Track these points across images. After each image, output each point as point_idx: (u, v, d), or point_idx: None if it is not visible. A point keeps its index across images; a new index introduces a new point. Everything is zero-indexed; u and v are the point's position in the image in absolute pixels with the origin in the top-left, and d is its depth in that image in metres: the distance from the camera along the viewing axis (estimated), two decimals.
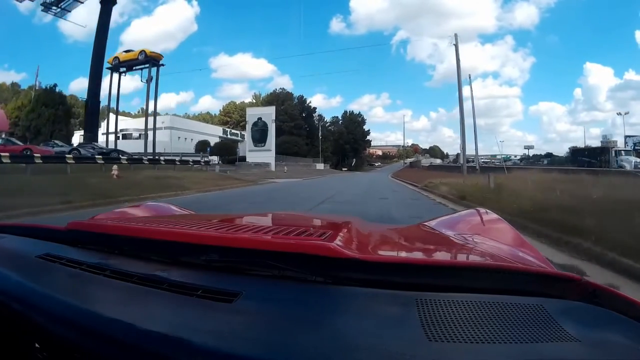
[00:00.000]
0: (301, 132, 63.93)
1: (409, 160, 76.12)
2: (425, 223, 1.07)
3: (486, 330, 0.40)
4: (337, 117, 71.09)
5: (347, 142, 65.91)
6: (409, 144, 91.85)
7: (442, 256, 0.75)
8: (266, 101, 64.73)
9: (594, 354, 0.38)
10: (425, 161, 66.48)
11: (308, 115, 69.42)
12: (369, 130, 73.35)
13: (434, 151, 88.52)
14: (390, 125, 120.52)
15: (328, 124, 68.98)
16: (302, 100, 68.54)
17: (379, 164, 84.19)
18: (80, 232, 0.75)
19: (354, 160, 67.03)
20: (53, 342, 0.47)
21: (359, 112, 71.29)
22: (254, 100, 69.16)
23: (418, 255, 0.79)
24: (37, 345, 0.49)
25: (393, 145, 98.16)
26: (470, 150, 27.31)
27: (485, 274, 0.52)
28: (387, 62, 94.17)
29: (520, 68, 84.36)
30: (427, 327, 0.40)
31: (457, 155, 37.68)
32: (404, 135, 67.37)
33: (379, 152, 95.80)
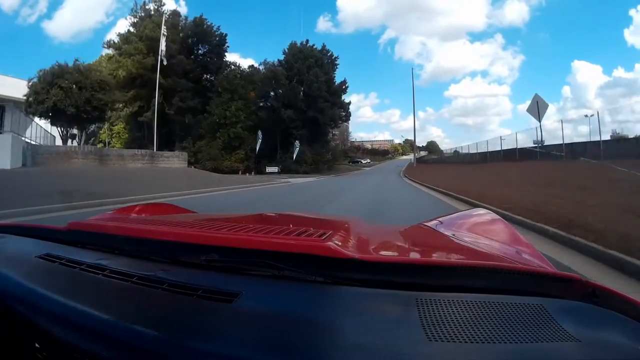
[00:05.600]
0: (180, 83, 27.22)
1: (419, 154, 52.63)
2: (425, 223, 1.05)
3: (486, 330, 0.40)
4: (279, 61, 31.20)
5: (288, 104, 28.54)
6: (403, 140, 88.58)
7: (442, 256, 0.74)
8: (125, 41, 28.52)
9: (594, 354, 0.38)
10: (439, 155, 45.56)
11: (216, 54, 33.10)
12: (345, 81, 32.99)
13: (433, 147, 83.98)
14: (378, 125, 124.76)
15: (264, 68, 32.45)
16: (201, 25, 32.42)
17: (368, 160, 61.68)
18: (80, 232, 0.75)
19: (298, 148, 28.98)
20: (53, 342, 0.46)
21: (324, 45, 32.95)
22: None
23: (418, 255, 0.78)
24: (37, 345, 0.48)
25: (383, 140, 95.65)
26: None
27: (485, 274, 0.52)
28: (374, 61, 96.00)
29: (510, 66, 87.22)
30: (427, 327, 0.40)
31: (455, 151, 34.55)
32: (415, 122, 54.24)
33: (368, 146, 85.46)
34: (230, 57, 35.55)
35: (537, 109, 12.37)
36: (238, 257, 0.56)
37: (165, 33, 23.94)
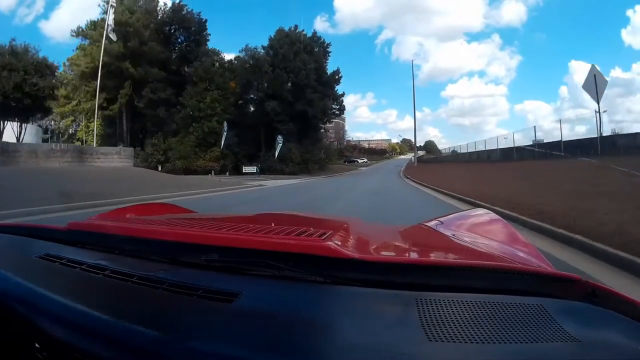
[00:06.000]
0: (152, 73, 24.40)
1: (418, 153, 48.79)
2: (425, 223, 1.05)
3: (486, 330, 0.40)
4: (263, 47, 28.30)
5: (273, 95, 25.41)
6: (401, 140, 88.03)
7: (442, 256, 0.74)
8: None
9: (594, 354, 0.38)
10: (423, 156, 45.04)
11: (195, 42, 30.56)
12: (338, 71, 30.12)
13: (431, 146, 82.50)
14: (375, 125, 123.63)
15: (245, 55, 29.28)
16: (179, 11, 29.81)
17: (365, 160, 59.23)
18: (80, 232, 0.75)
19: (281, 145, 25.68)
20: (53, 342, 0.47)
21: (315, 32, 30.92)
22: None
23: (418, 255, 0.78)
24: (37, 345, 0.49)
25: (381, 140, 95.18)
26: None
27: (485, 274, 0.52)
28: (372, 61, 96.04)
29: (507, 66, 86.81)
30: (427, 327, 0.40)
31: (453, 151, 34.84)
32: (415, 118, 45.33)
33: (365, 145, 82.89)
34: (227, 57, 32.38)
35: (595, 85, 9.39)
36: (238, 257, 0.56)
37: (114, 4, 20.88)
